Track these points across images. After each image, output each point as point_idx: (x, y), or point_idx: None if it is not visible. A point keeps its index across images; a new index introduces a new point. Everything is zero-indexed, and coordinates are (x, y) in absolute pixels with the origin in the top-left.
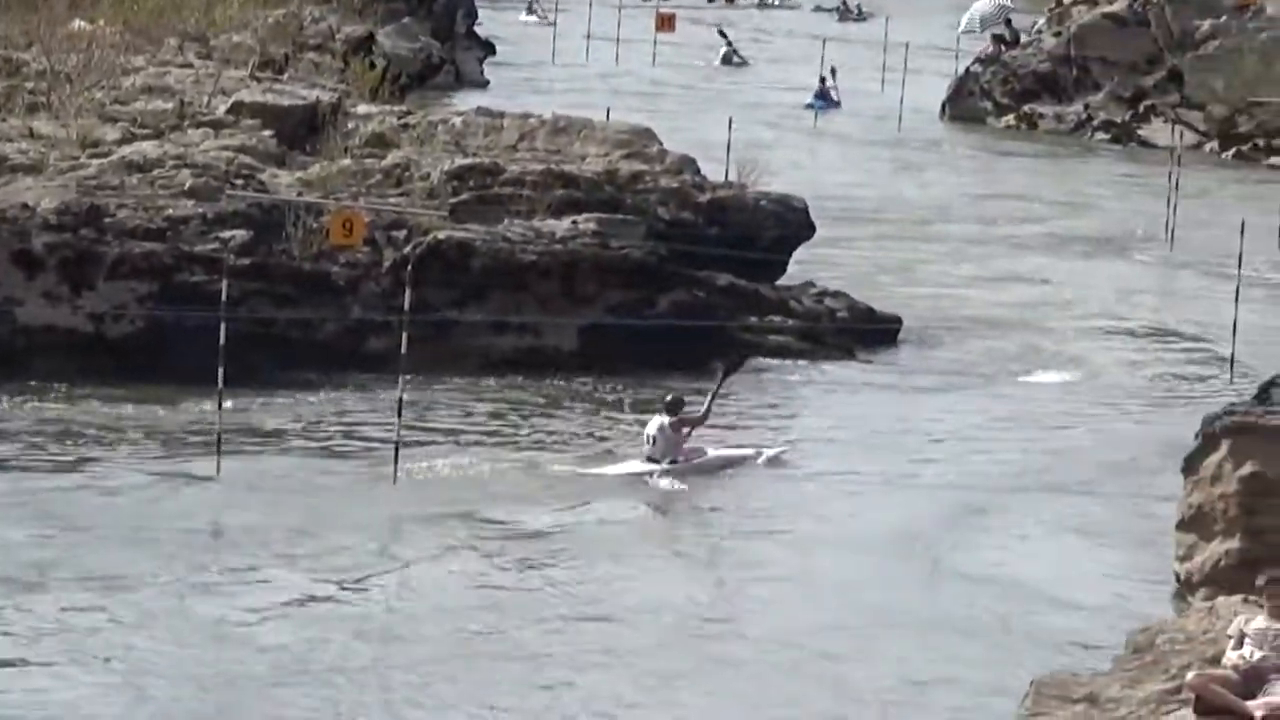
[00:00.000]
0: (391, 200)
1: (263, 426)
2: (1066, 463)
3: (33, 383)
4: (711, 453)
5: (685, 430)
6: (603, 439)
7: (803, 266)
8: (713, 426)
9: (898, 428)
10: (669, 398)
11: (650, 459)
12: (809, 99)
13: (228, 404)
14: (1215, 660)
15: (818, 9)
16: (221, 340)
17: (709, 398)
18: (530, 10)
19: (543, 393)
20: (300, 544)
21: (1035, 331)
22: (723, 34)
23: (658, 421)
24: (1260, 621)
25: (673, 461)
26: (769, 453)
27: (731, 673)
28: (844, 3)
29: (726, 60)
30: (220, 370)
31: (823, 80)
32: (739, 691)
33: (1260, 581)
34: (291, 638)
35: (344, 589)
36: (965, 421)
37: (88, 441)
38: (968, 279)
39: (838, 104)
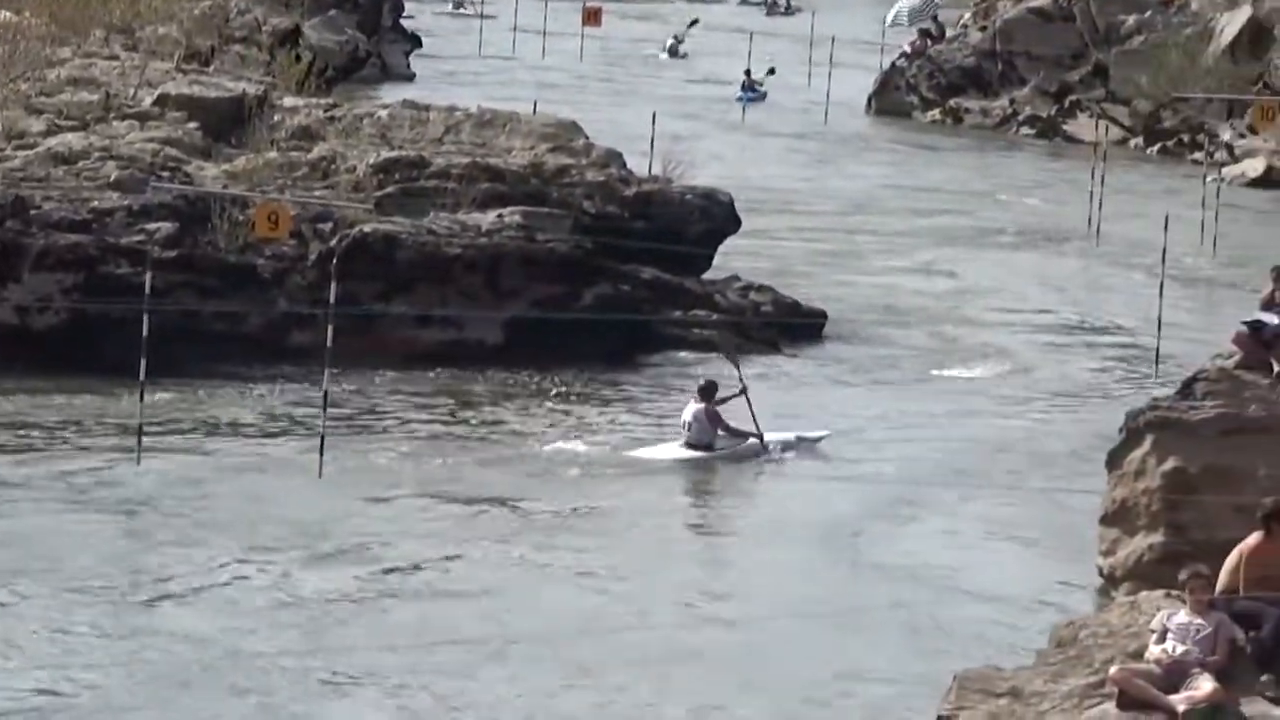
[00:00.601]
0: (317, 193)
1: (187, 418)
2: (991, 457)
3: None
4: (752, 439)
5: (719, 416)
6: (525, 433)
7: (728, 260)
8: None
9: (823, 421)
10: (702, 383)
11: (690, 445)
12: (737, 92)
13: (153, 396)
14: (1138, 654)
15: (744, 2)
16: (144, 332)
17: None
18: (458, 6)
19: (467, 386)
20: (223, 536)
21: (961, 325)
22: (676, 39)
23: (692, 408)
24: (1182, 616)
25: (708, 447)
26: (809, 436)
27: (651, 664)
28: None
29: (673, 53)
30: (142, 362)
31: (748, 73)
32: (659, 683)
33: (1183, 576)
34: (214, 627)
35: (267, 580)
36: (890, 415)
37: (10, 433)
38: (893, 272)
39: (763, 96)
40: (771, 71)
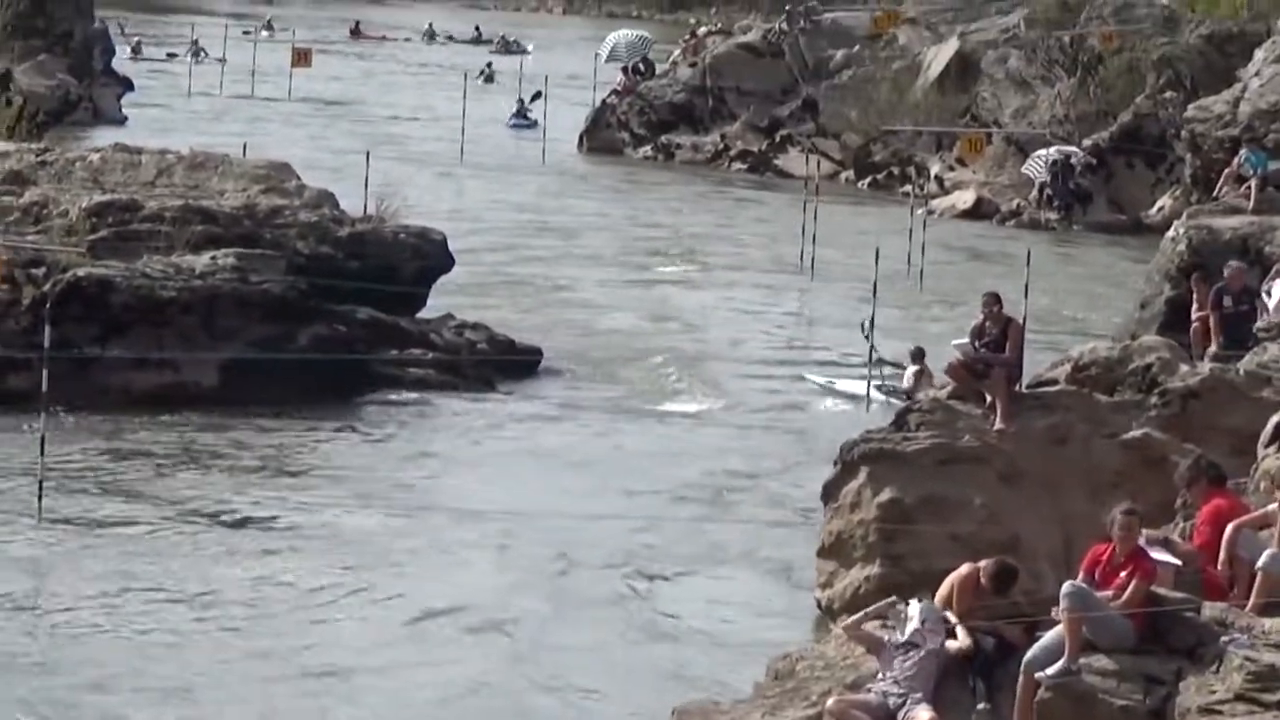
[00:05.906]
0: (30, 238)
1: None
2: (705, 493)
3: None
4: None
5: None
6: (240, 471)
7: (444, 299)
8: None
9: (535, 459)
10: (913, 349)
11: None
12: (510, 119)
13: None
14: (855, 686)
15: (477, 41)
16: None
17: None
18: (195, 54)
19: (183, 428)
20: None
21: (675, 361)
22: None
23: (911, 370)
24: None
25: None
26: None
27: (350, 693)
28: (503, 38)
29: (489, 79)
30: None
31: (521, 102)
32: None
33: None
34: None
35: None
36: (604, 452)
37: None
38: (608, 310)
39: (534, 124)
40: (537, 96)
